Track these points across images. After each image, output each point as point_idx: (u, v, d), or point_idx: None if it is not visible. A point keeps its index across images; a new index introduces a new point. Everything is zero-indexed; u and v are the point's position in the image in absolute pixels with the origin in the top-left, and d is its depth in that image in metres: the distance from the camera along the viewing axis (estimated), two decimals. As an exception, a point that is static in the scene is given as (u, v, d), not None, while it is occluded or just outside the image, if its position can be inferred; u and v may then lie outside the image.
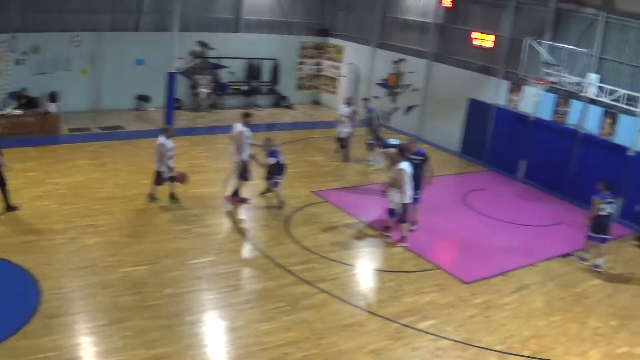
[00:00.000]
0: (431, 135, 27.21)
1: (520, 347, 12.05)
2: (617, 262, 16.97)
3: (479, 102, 25.38)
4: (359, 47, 31.24)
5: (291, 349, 10.92)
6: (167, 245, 14.50)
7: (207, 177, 19.26)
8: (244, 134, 17.12)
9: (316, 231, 16.48)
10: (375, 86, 30.27)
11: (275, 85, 31.44)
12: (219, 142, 23.31)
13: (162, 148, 16.37)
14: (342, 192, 19.85)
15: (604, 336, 12.87)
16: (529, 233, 18.31)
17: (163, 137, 16.52)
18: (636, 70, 20.22)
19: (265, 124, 27.20)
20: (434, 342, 11.87)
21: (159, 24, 26.86)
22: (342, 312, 12.48)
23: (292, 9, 31.43)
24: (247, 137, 17.25)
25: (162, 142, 16.41)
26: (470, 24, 25.94)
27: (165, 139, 16.48)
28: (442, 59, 27.30)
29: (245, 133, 17.16)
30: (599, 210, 15.93)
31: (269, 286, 13.21)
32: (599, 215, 15.98)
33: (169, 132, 16.79)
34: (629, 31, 20.38)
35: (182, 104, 27.81)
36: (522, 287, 14.73)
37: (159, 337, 10.66)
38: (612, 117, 20.66)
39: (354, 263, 15.08)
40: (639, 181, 19.39)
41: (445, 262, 15.70)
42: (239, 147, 17.15)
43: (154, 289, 12.35)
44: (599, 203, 15.93)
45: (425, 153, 17.03)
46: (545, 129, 22.66)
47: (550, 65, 20.96)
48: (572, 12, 22.00)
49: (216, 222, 16.38)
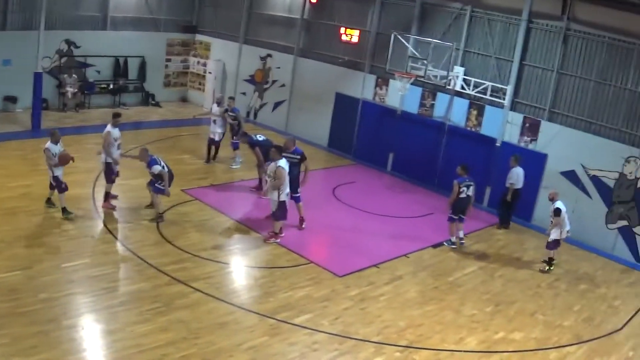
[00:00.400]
0: (299, 130, 27.69)
1: (397, 337, 12.54)
2: (489, 249, 18.07)
3: (346, 97, 26.08)
4: (225, 43, 31.43)
5: (169, 349, 11.04)
6: (40, 249, 14.28)
7: (77, 178, 18.91)
8: (112, 135, 17.04)
9: (188, 230, 16.59)
10: (242, 82, 30.60)
11: (142, 83, 31.14)
12: (87, 142, 22.95)
13: (48, 152, 15.95)
14: (211, 190, 20.04)
15: (480, 323, 13.60)
16: (399, 224, 19.04)
17: (49, 142, 16.05)
18: (501, 63, 21.45)
19: (133, 122, 26.92)
20: (311, 336, 12.20)
21: (25, 23, 26.10)
22: (217, 311, 12.67)
23: (158, 5, 31.18)
24: (115, 138, 17.16)
25: (47, 147, 15.97)
26: (336, 19, 26.57)
27: (50, 144, 16.01)
28: (309, 54, 27.89)
29: (113, 134, 17.05)
30: (459, 193, 17.07)
31: (144, 287, 13.21)
32: (460, 198, 17.16)
33: (55, 136, 16.22)
34: (493, 24, 21.53)
35: (49, 104, 27.17)
36: (396, 278, 15.31)
37: (36, 344, 10.57)
38: (478, 109, 21.84)
39: (227, 261, 15.30)
40: (506, 171, 20.26)
41: (318, 256, 16.08)
42: (105, 148, 17.05)
43: (28, 295, 12.18)
44: (459, 187, 17.08)
45: (302, 152, 17.32)
46: (412, 122, 23.64)
47: (416, 59, 21.74)
48: (437, 7, 23.05)
49: (88, 224, 16.19)
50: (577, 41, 19.75)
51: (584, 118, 19.73)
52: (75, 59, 28.32)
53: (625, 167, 18.66)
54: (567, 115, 20.11)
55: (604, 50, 19.21)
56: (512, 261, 17.46)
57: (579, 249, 19.03)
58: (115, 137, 17.19)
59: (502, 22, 21.37)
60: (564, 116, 20.20)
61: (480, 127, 21.90)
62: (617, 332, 14.10)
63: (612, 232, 19.12)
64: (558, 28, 20.04)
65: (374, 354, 11.93)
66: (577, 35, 19.70)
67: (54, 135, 16.24)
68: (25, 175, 18.83)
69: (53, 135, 16.24)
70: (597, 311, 15.01)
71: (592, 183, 19.43)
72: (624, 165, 18.68)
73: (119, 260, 14.60)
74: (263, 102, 29.91)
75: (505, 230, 19.77)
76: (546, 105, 20.48)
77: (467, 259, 17.20)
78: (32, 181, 18.22)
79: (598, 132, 19.44)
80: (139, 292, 13.03)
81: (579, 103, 19.86)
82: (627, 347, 13.48)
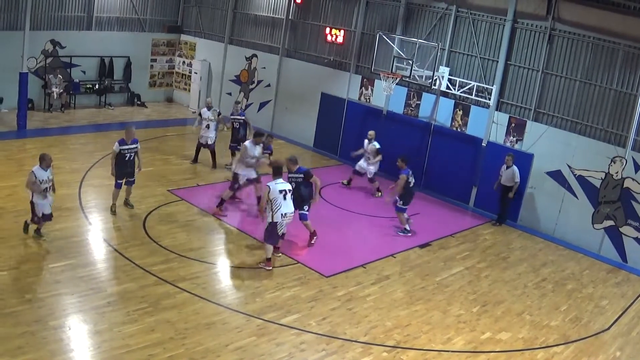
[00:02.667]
0: (285, 130, 27.79)
1: (385, 338, 12.56)
2: (475, 250, 18.09)
3: (331, 97, 26.12)
4: (211, 43, 31.45)
5: (156, 350, 11.01)
6: (25, 249, 14.23)
7: (62, 178, 18.84)
8: (249, 151, 18.00)
9: (174, 230, 16.53)
10: (228, 82, 30.59)
11: (127, 83, 31.01)
12: (73, 143, 22.95)
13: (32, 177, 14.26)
14: (198, 190, 19.99)
15: (467, 323, 13.63)
16: (386, 224, 19.00)
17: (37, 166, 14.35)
18: (486, 63, 21.54)
19: (118, 123, 26.88)
20: (298, 336, 12.20)
21: (10, 23, 26.03)
22: (204, 311, 12.64)
23: (143, 5, 31.12)
24: (252, 156, 18.04)
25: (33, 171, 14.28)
26: (321, 20, 26.64)
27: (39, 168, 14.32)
28: (294, 55, 27.92)
29: (250, 150, 18.02)
30: (408, 184, 17.66)
31: (130, 287, 13.15)
32: (410, 189, 17.85)
33: (45, 161, 14.35)
34: (479, 24, 21.63)
35: (34, 105, 27.05)
36: (383, 279, 15.33)
37: (23, 345, 10.51)
38: (464, 109, 21.90)
39: (214, 261, 15.27)
40: (492, 171, 20.56)
41: (305, 256, 16.06)
42: (241, 160, 18.20)
43: (14, 295, 12.10)
44: (407, 178, 17.65)
45: (306, 170, 16.46)
46: (398, 122, 23.69)
47: (401, 59, 21.80)
48: (422, 7, 23.10)
49: (73, 224, 16.08)
50: (562, 41, 19.83)
51: (569, 118, 19.81)
52: (61, 59, 28.19)
53: (611, 167, 18.74)
54: (553, 115, 20.20)
55: (589, 51, 19.30)
56: (498, 261, 17.49)
57: (566, 249, 19.11)
58: (254, 154, 17.87)
59: (487, 22, 21.44)
60: (550, 116, 20.28)
61: (465, 127, 21.95)
62: (604, 332, 14.16)
63: (599, 232, 19.19)
64: (543, 28, 20.13)
65: (361, 354, 11.92)
66: (562, 36, 19.79)
67: (44, 161, 14.35)
68: (11, 175, 18.71)
69: (43, 160, 14.35)
70: (584, 311, 15.07)
71: (578, 183, 19.51)
72: (610, 165, 18.77)
73: (106, 260, 14.51)
74: (249, 102, 29.85)
75: (493, 230, 19.83)
76: (532, 105, 20.55)
77: (454, 259, 17.23)
78: (17, 182, 18.03)
79: (584, 132, 19.54)
80: (125, 293, 12.95)
81: (564, 103, 19.95)
82: (614, 347, 13.54)
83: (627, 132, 18.58)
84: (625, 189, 18.59)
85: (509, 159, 19.59)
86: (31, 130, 24.06)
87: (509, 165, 19.56)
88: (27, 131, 23.83)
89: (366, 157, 21.75)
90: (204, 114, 22.07)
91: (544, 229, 20.25)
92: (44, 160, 14.34)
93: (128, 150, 16.68)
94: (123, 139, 16.72)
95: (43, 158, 14.37)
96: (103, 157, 20.80)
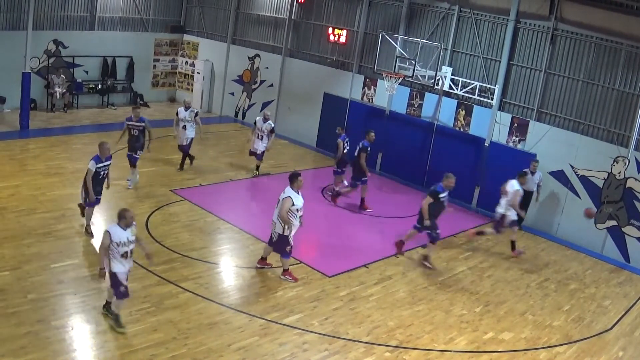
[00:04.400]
0: (288, 130, 27.80)
1: (387, 338, 12.54)
2: (478, 249, 18.07)
3: (334, 97, 26.14)
4: (213, 43, 31.50)
5: (159, 350, 11.01)
6: (28, 249, 14.19)
7: (65, 178, 18.99)
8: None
9: (177, 230, 16.53)
10: (230, 82, 30.63)
11: (130, 83, 31.07)
12: (75, 143, 22.99)
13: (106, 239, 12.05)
14: (200, 190, 19.98)
15: (469, 323, 13.61)
16: (388, 224, 19.03)
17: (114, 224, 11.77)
18: (489, 63, 21.54)
19: (121, 122, 26.82)
20: (301, 336, 12.19)
21: (12, 23, 26.09)
22: (207, 311, 12.64)
23: (146, 5, 31.17)
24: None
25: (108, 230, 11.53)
26: (324, 20, 26.66)
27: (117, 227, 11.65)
28: (297, 55, 27.94)
29: None
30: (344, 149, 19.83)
31: (133, 287, 12.87)
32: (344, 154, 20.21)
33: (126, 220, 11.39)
34: (481, 24, 21.62)
35: (37, 105, 27.10)
36: (385, 278, 15.32)
37: (26, 344, 10.52)
38: (466, 109, 21.89)
39: (217, 261, 15.26)
40: (495, 171, 20.59)
41: (307, 256, 16.01)
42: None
43: (17, 295, 12.11)
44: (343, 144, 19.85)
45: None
46: (401, 122, 23.69)
47: (404, 59, 21.78)
48: (425, 7, 23.11)
49: (76, 224, 16.07)
50: (565, 41, 19.82)
51: (572, 118, 19.80)
52: (63, 59, 28.25)
53: (614, 167, 18.72)
54: (556, 115, 20.18)
55: (592, 50, 19.29)
56: (501, 261, 17.47)
57: (569, 249, 19.11)
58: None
59: (490, 22, 21.44)
60: (552, 116, 20.27)
61: (468, 127, 21.95)
62: (606, 332, 14.14)
63: (601, 232, 19.19)
64: (546, 28, 20.12)
65: (364, 354, 11.90)
66: (564, 36, 19.78)
67: (123, 218, 11.36)
68: (14, 175, 18.77)
69: (122, 218, 11.36)
70: (586, 311, 15.06)
71: (581, 183, 19.50)
72: (613, 165, 18.75)
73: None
74: (251, 102, 29.87)
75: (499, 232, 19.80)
76: (534, 105, 20.55)
77: (457, 259, 17.23)
78: (20, 181, 18.20)
79: (586, 132, 19.53)
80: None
81: (567, 103, 19.94)
82: (617, 347, 13.53)
83: (630, 132, 18.57)
84: (627, 189, 18.58)
85: (535, 165, 19.34)
86: (34, 130, 24.13)
87: (534, 171, 19.33)
88: (29, 131, 23.89)
89: (259, 135, 21.61)
90: (180, 114, 21.43)
91: (547, 229, 20.21)
92: (123, 217, 11.35)
93: (103, 167, 15.39)
94: (98, 155, 15.13)
95: (122, 215, 11.35)
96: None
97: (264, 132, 21.52)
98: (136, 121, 18.98)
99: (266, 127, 21.53)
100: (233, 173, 21.95)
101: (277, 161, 24.15)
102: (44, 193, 17.56)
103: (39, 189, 17.87)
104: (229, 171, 22.22)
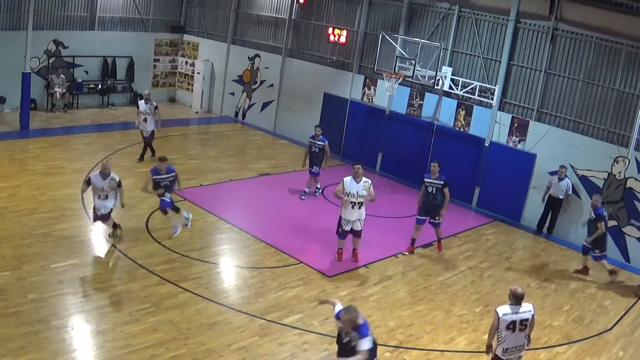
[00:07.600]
0: (288, 130, 27.83)
1: (387, 338, 12.53)
2: (477, 250, 18.08)
3: (334, 97, 26.11)
4: (213, 43, 31.46)
5: (159, 350, 11.02)
6: (28, 249, 14.19)
7: (65, 178, 18.99)
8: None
9: (177, 230, 16.58)
10: (230, 82, 30.62)
11: (130, 83, 31.04)
12: (75, 143, 22.99)
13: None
14: (200, 190, 19.96)
15: (469, 323, 13.62)
16: (388, 224, 19.02)
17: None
18: (489, 63, 21.52)
19: (121, 123, 26.95)
20: (301, 336, 12.20)
21: (12, 23, 26.06)
22: (207, 311, 12.65)
23: (146, 5, 31.14)
24: None
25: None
26: (324, 20, 26.64)
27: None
28: (297, 55, 27.92)
29: None
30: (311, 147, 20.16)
31: (133, 287, 13.16)
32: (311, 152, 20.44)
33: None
34: (481, 24, 21.61)
35: (37, 105, 27.09)
36: (385, 278, 15.32)
37: (25, 344, 10.52)
38: (466, 109, 21.89)
39: (217, 261, 15.26)
40: (495, 171, 20.65)
41: (307, 256, 16.04)
42: None
43: (17, 295, 12.11)
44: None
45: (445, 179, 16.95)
46: (401, 122, 23.69)
47: (404, 59, 21.74)
48: (425, 7, 23.09)
49: (76, 224, 16.10)
50: (565, 41, 19.81)
51: (572, 118, 19.79)
52: (63, 59, 28.22)
53: (614, 167, 18.72)
54: (556, 115, 20.17)
55: (592, 50, 19.28)
56: (501, 261, 17.48)
57: (569, 249, 19.08)
58: None
59: (490, 22, 21.43)
60: (552, 116, 20.26)
61: (468, 127, 21.94)
62: (607, 332, 14.14)
63: (601, 232, 19.15)
64: (546, 28, 20.11)
65: (364, 354, 11.90)
66: (564, 36, 19.77)
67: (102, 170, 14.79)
68: (14, 175, 18.78)
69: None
70: (586, 311, 15.05)
71: (581, 183, 19.48)
72: (613, 165, 18.74)
73: (108, 260, 14.55)
74: (251, 102, 29.87)
75: (496, 230, 19.86)
76: (534, 106, 20.54)
77: (457, 259, 17.22)
78: (20, 181, 18.22)
79: (586, 132, 19.51)
80: (128, 293, 12.97)
81: (567, 103, 19.93)
82: (617, 347, 13.52)
83: (630, 132, 18.55)
84: (628, 189, 18.57)
85: (563, 171, 19.30)
86: (34, 130, 24.13)
87: (561, 177, 19.30)
88: (29, 131, 23.89)
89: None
90: (140, 107, 21.48)
91: (547, 229, 20.20)
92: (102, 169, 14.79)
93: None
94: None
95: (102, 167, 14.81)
96: (105, 157, 20.80)
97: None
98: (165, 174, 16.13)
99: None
100: (233, 173, 21.93)
101: (277, 161, 24.15)
102: (43, 193, 17.58)
103: (39, 189, 17.90)
104: (230, 171, 22.21)
